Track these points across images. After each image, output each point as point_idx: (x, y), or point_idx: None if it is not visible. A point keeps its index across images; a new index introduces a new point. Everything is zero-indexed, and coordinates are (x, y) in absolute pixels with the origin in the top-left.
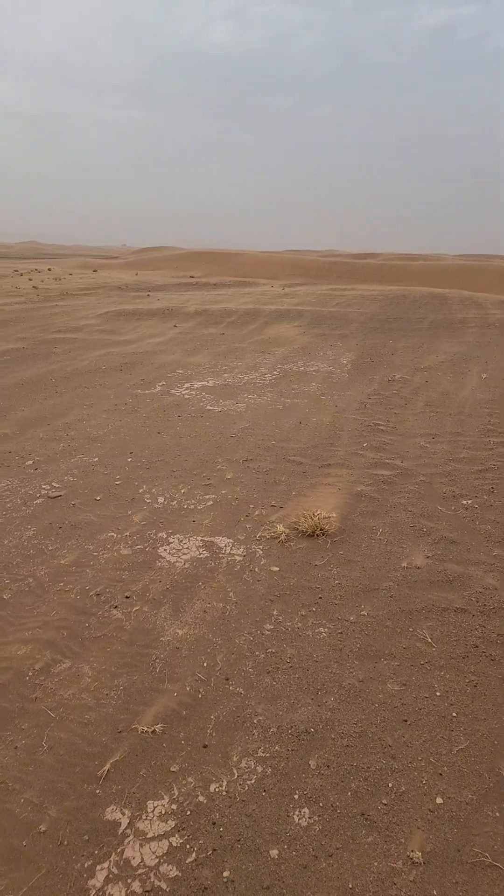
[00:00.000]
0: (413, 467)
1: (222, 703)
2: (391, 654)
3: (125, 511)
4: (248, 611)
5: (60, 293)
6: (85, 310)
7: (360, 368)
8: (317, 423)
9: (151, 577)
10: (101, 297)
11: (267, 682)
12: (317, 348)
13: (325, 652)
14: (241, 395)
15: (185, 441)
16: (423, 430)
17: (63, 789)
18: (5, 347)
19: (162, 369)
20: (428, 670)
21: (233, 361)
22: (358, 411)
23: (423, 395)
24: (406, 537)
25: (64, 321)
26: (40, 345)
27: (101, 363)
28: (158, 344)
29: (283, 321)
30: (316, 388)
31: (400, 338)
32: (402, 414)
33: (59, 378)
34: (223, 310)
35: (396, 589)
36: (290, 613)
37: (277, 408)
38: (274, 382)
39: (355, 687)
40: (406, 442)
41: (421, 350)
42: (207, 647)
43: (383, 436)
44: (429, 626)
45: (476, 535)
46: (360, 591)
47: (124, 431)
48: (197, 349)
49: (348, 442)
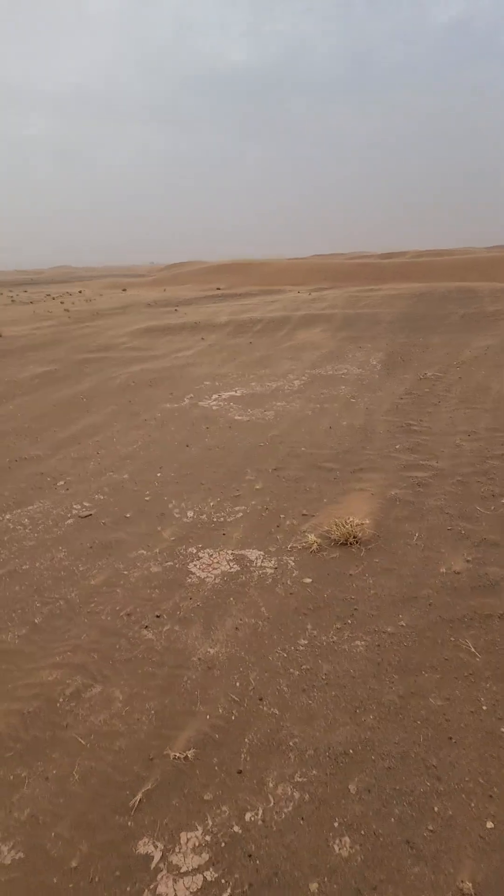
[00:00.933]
0: (449, 467)
1: (256, 725)
2: (433, 667)
3: (155, 527)
4: (281, 626)
5: (91, 314)
6: (115, 329)
7: (391, 368)
8: (347, 427)
9: (182, 594)
10: (131, 315)
11: (302, 700)
12: (345, 351)
13: (362, 667)
14: (270, 403)
15: (214, 453)
16: (459, 428)
17: (94, 822)
18: (39, 370)
19: (190, 382)
20: (473, 683)
21: (261, 370)
22: (389, 412)
23: (456, 391)
24: (444, 541)
25: (95, 341)
26: (72, 366)
27: (130, 380)
28: (186, 357)
29: (310, 326)
30: (346, 391)
31: (430, 335)
32: (435, 412)
33: (90, 397)
34: (250, 319)
35: (436, 597)
36: (324, 627)
37: (306, 413)
38: (302, 388)
39: (395, 703)
40: (441, 441)
41: (453, 345)
42: (240, 666)
43: (417, 436)
44: (472, 634)
45: None
46: (397, 601)
47: (153, 447)
48: (224, 360)
49: (380, 444)
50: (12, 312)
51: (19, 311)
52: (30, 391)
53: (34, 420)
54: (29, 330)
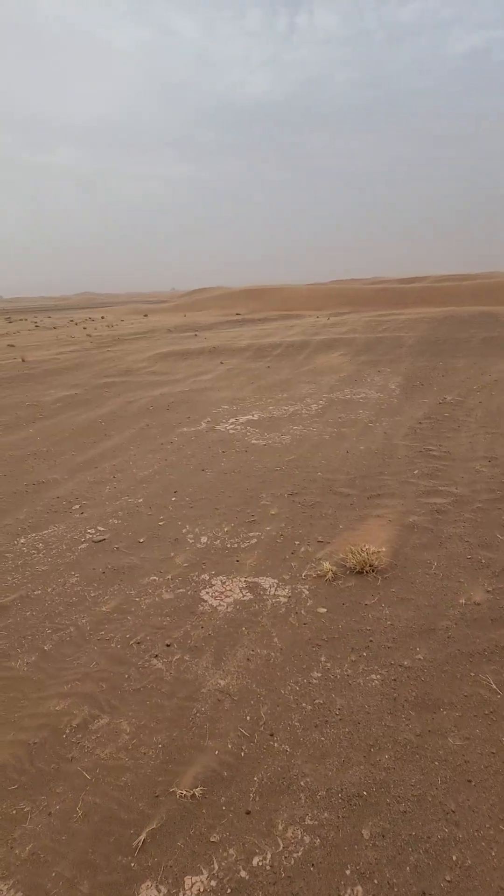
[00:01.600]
0: (469, 494)
1: (267, 763)
2: (451, 704)
3: (168, 553)
4: (294, 657)
5: (113, 339)
6: (135, 354)
7: (410, 392)
8: (365, 452)
9: (193, 622)
10: (151, 340)
11: (315, 737)
12: (364, 375)
13: (377, 702)
14: (287, 427)
15: (230, 477)
16: (478, 454)
17: (97, 862)
18: (60, 395)
19: (208, 406)
20: (493, 721)
21: (279, 394)
22: (408, 437)
23: (476, 416)
24: (463, 570)
25: (115, 366)
26: (93, 390)
27: (149, 404)
28: (205, 381)
29: (329, 350)
30: (364, 415)
31: (450, 359)
32: (454, 437)
33: (109, 421)
34: (269, 343)
35: (455, 629)
36: (338, 659)
37: (324, 438)
38: (320, 412)
39: (412, 742)
40: (460, 467)
41: (473, 369)
42: (251, 699)
43: (436, 461)
44: (492, 669)
45: None
46: (414, 633)
47: (169, 471)
48: (243, 384)
49: (399, 470)
50: (36, 338)
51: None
52: (51, 415)
53: (54, 444)
54: (52, 355)
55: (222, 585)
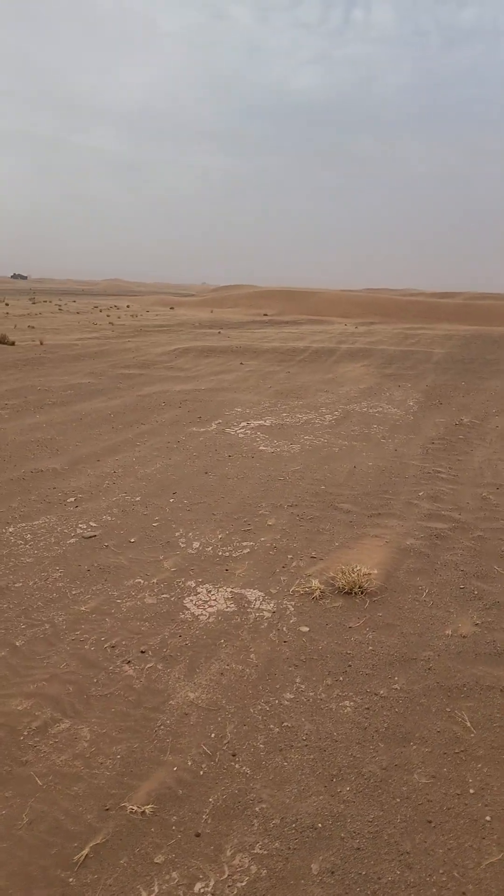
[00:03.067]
0: (471, 521)
1: (224, 784)
2: (422, 739)
3: (157, 555)
4: (269, 676)
5: (135, 330)
6: (156, 346)
7: (427, 411)
8: (372, 469)
9: (172, 630)
10: (174, 334)
11: (277, 761)
12: (384, 388)
13: (347, 730)
14: (298, 436)
15: (232, 483)
16: (488, 480)
17: (34, 874)
18: (74, 381)
19: (221, 407)
20: (463, 761)
21: (294, 401)
22: (419, 457)
23: (491, 440)
24: (454, 600)
25: (134, 357)
26: (107, 380)
27: (161, 400)
28: (223, 381)
29: (352, 360)
30: (377, 430)
31: (474, 379)
32: (466, 461)
33: (119, 414)
34: (292, 348)
35: (437, 660)
36: (314, 682)
37: (333, 450)
38: (334, 423)
39: (376, 776)
40: (467, 492)
41: (495, 393)
42: (218, 716)
43: (443, 484)
44: (469, 706)
45: None
46: (395, 661)
47: (171, 470)
48: (260, 387)
49: (404, 490)
50: (58, 321)
51: (65, 321)
52: (61, 402)
53: (59, 432)
54: (71, 340)
55: (207, 594)
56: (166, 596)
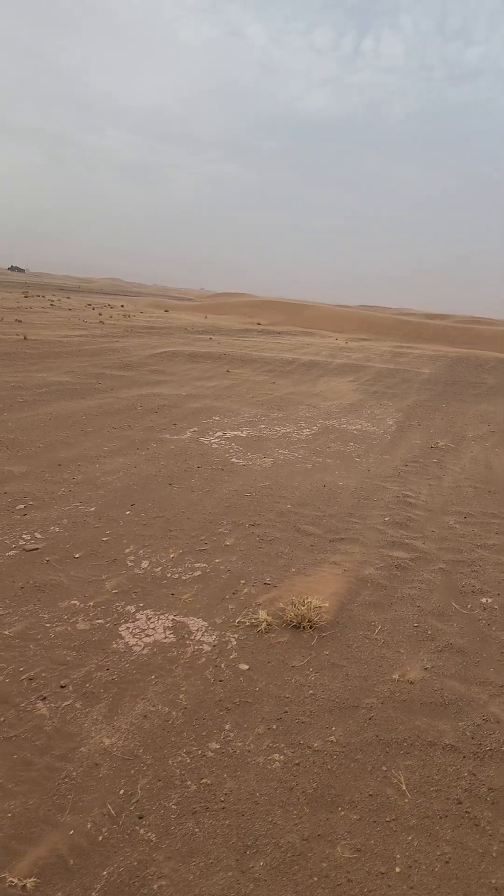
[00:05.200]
0: (435, 551)
1: (123, 854)
2: (352, 803)
3: (100, 574)
4: (197, 721)
5: (124, 330)
6: (142, 348)
7: (405, 431)
8: (342, 489)
9: (99, 662)
10: (163, 337)
11: (188, 827)
12: (365, 406)
13: (271, 790)
14: (272, 450)
15: (195, 496)
16: (456, 508)
17: None
18: (51, 379)
19: (198, 415)
20: (393, 832)
21: (275, 412)
22: (390, 479)
23: (464, 466)
24: (406, 640)
25: (118, 358)
26: (85, 380)
27: (138, 403)
28: (205, 388)
29: (338, 375)
30: (353, 448)
31: (454, 402)
32: (437, 486)
33: (91, 416)
34: (279, 359)
35: (379, 708)
36: (245, 729)
37: (306, 466)
38: (310, 439)
39: (295, 848)
40: (434, 520)
41: (474, 416)
42: (132, 768)
43: (411, 510)
44: (407, 765)
45: (489, 646)
46: (335, 708)
47: (134, 479)
48: (242, 397)
49: (370, 513)
50: (47, 317)
51: (54, 317)
52: (32, 401)
53: (24, 432)
54: (56, 337)
55: (146, 621)
56: (101, 621)
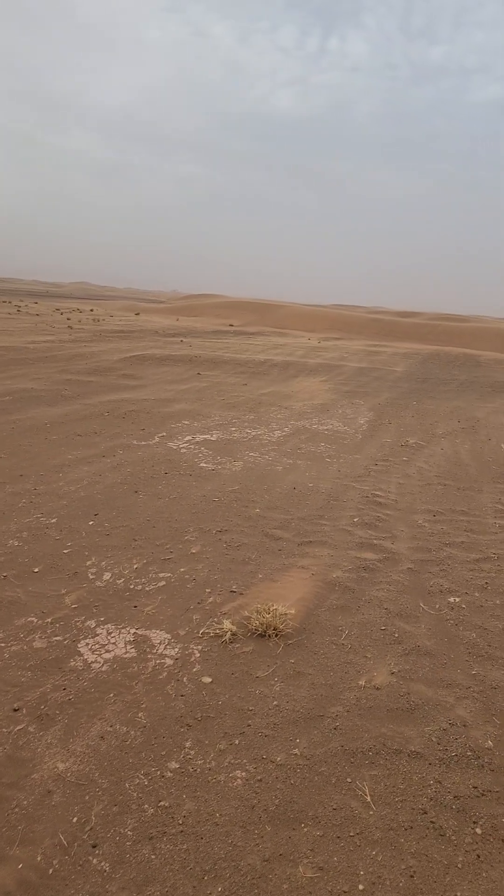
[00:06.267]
0: (403, 551)
1: (75, 886)
2: (315, 818)
3: (60, 589)
4: (156, 739)
5: (93, 334)
6: (112, 353)
7: (376, 430)
8: (312, 490)
9: (56, 682)
10: (134, 340)
11: (144, 854)
12: (337, 405)
13: (232, 809)
14: (242, 453)
15: (161, 504)
16: (425, 506)
17: None
18: (16, 387)
19: (168, 419)
20: (357, 846)
21: (246, 414)
22: (360, 478)
23: (434, 463)
24: (374, 644)
25: (86, 363)
26: (52, 386)
27: (105, 409)
28: (174, 392)
29: (311, 375)
30: (324, 449)
31: (425, 399)
32: (406, 484)
33: (56, 424)
34: (251, 360)
35: (345, 717)
36: (206, 746)
37: (276, 469)
38: (281, 441)
39: (255, 870)
40: (403, 519)
41: (444, 413)
42: (86, 794)
43: (380, 510)
44: (372, 775)
45: (457, 646)
46: (299, 719)
47: (98, 488)
48: (213, 399)
49: (339, 515)
50: (13, 323)
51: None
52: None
53: None
54: (22, 343)
55: (107, 636)
56: (59, 639)
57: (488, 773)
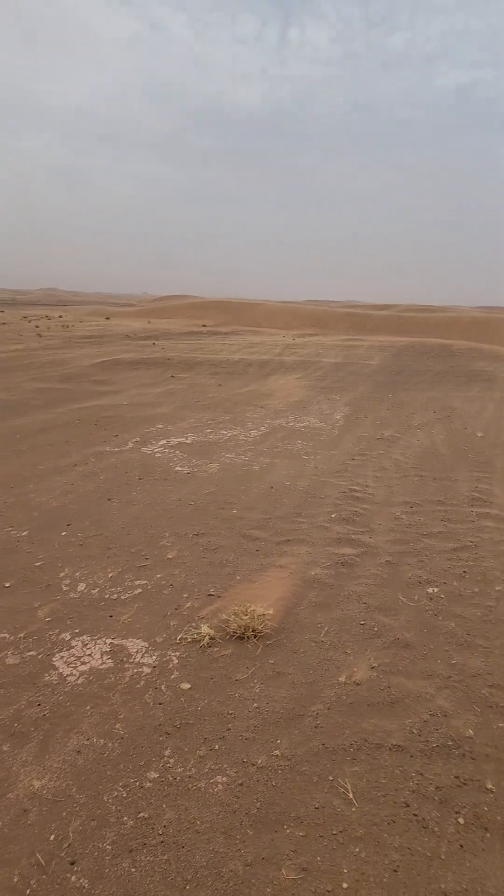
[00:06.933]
0: (381, 544)
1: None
2: (298, 819)
3: (32, 603)
4: (134, 750)
5: (63, 341)
6: (84, 359)
7: (352, 425)
8: (289, 489)
9: (31, 698)
10: (104, 345)
11: (124, 867)
12: (313, 402)
13: (214, 815)
14: (218, 454)
15: (136, 510)
16: (403, 498)
17: None
18: None
19: (141, 424)
20: (340, 844)
21: (221, 415)
22: (337, 474)
23: (410, 455)
24: (353, 639)
25: (57, 371)
26: (22, 396)
27: (77, 416)
28: (148, 396)
29: (287, 373)
30: (301, 446)
31: (400, 391)
32: (383, 477)
33: (26, 434)
34: (225, 360)
35: (325, 715)
36: (185, 753)
37: (253, 469)
38: (257, 440)
39: (238, 876)
40: (381, 512)
41: (419, 405)
42: (64, 810)
43: (357, 504)
44: (354, 772)
45: (436, 636)
46: (280, 719)
47: (71, 497)
48: (187, 401)
49: (317, 511)
50: None
51: None
52: None
53: None
54: None
55: (82, 648)
56: (33, 653)
57: (469, 761)
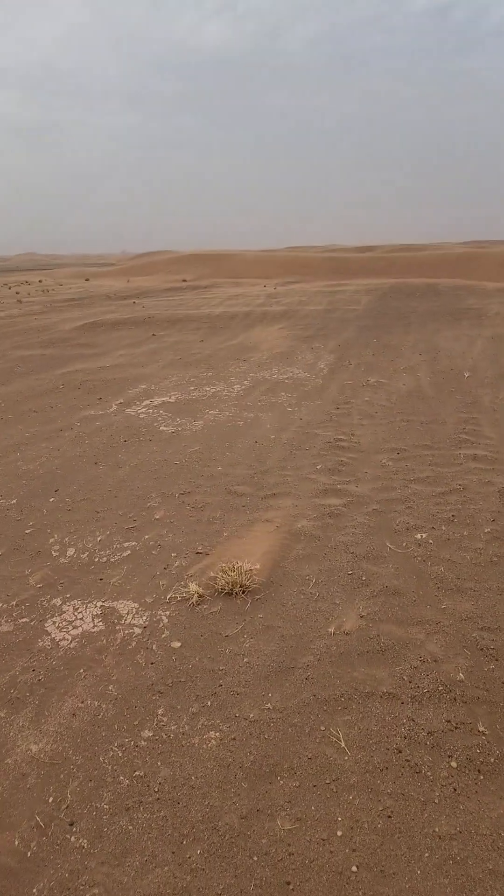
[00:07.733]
0: (368, 493)
1: (55, 866)
2: (291, 769)
3: (24, 570)
4: (128, 710)
5: (44, 305)
6: (64, 323)
7: (337, 373)
8: (274, 442)
9: (25, 664)
10: (86, 307)
11: (122, 825)
12: (297, 352)
13: (208, 770)
14: (202, 412)
15: (123, 472)
16: (389, 445)
17: None
18: None
19: (124, 385)
20: (334, 793)
21: (205, 372)
22: (322, 424)
23: (396, 400)
24: (342, 589)
25: (39, 336)
26: (5, 364)
27: (60, 381)
28: (130, 356)
29: (270, 323)
30: (285, 399)
31: (385, 335)
32: (369, 425)
33: (10, 402)
34: (208, 315)
35: (316, 666)
36: (178, 711)
37: (237, 424)
38: (241, 395)
39: (233, 829)
40: (367, 460)
41: (405, 348)
42: (62, 772)
43: (343, 454)
44: (346, 721)
45: (425, 582)
46: (271, 673)
47: (58, 463)
48: (170, 359)
49: (303, 463)
50: None
51: None
52: None
53: None
54: None
55: (74, 612)
56: (25, 620)
57: (461, 705)
